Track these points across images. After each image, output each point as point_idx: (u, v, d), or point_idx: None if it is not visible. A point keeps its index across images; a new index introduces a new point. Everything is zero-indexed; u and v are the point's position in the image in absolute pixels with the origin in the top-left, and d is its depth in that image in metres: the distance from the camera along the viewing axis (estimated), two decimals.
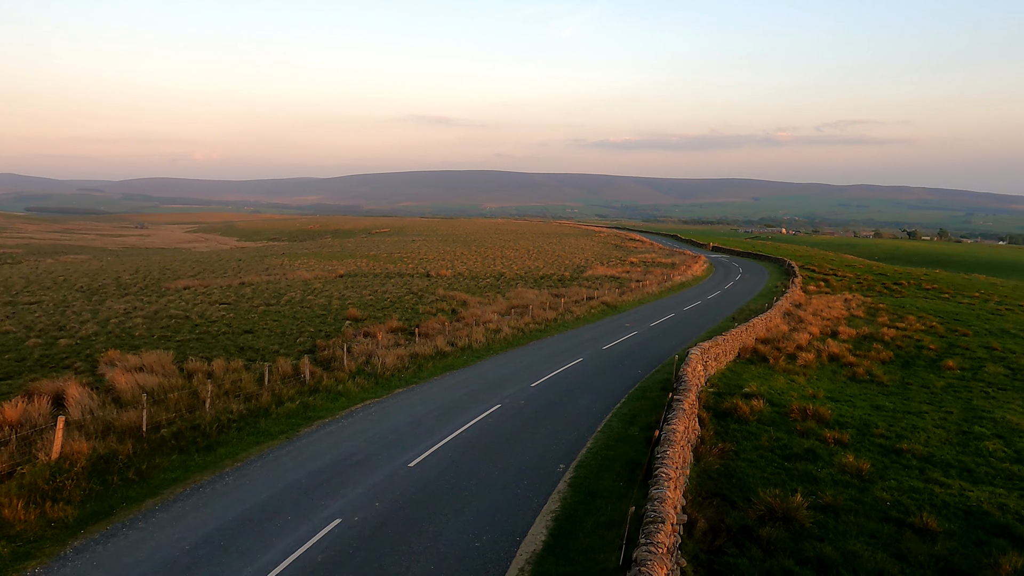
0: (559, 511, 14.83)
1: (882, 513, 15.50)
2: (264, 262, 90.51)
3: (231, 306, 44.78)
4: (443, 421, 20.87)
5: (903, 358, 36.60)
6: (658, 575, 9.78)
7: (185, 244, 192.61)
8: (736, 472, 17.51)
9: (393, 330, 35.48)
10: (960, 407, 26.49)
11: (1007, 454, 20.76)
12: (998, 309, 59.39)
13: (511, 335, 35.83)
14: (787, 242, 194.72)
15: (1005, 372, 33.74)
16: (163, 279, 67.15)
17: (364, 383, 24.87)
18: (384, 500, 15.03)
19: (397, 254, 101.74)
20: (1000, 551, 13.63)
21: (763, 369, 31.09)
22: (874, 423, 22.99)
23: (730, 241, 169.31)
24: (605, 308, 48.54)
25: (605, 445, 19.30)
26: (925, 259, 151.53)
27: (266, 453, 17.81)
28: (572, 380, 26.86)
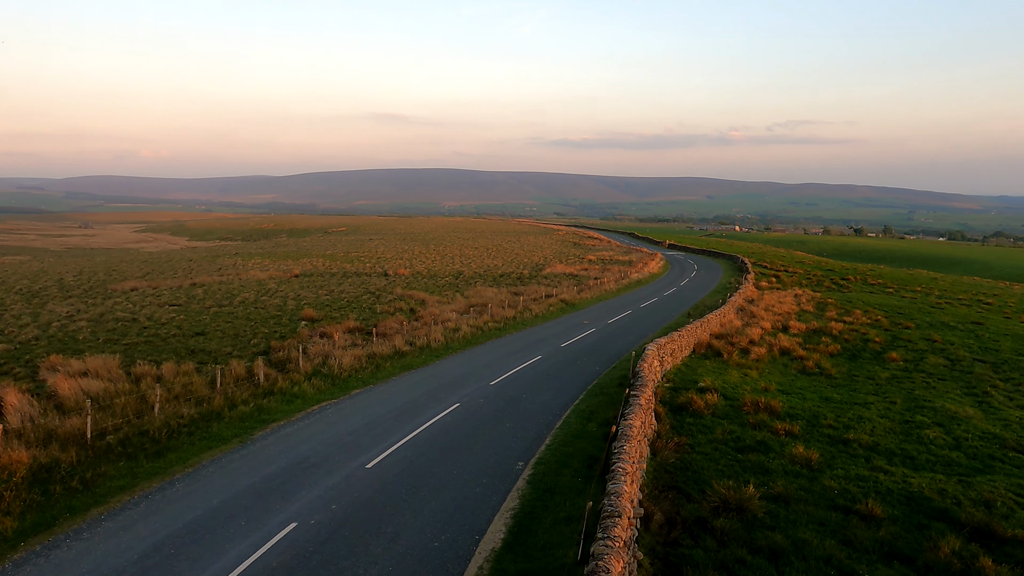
0: (518, 508, 14.88)
1: (830, 501, 16.01)
2: (216, 262, 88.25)
3: (182, 308, 43.55)
4: (401, 421, 20.71)
5: (850, 351, 37.85)
6: (615, 569, 9.90)
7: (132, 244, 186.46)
8: (691, 465, 17.84)
9: (350, 330, 35.03)
10: (903, 397, 27.52)
11: (946, 441, 21.67)
12: (938, 303, 61.93)
13: (470, 334, 35.77)
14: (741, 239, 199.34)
15: (945, 363, 35.20)
16: (109, 280, 64.86)
17: (320, 384, 24.49)
18: (341, 502, 14.84)
19: (354, 253, 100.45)
20: (940, 534, 14.22)
21: (717, 364, 31.76)
22: (823, 414, 23.71)
23: (686, 239, 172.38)
24: (564, 306, 48.86)
25: (563, 442, 19.44)
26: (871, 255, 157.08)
27: (219, 458, 17.39)
28: (531, 378, 26.97)
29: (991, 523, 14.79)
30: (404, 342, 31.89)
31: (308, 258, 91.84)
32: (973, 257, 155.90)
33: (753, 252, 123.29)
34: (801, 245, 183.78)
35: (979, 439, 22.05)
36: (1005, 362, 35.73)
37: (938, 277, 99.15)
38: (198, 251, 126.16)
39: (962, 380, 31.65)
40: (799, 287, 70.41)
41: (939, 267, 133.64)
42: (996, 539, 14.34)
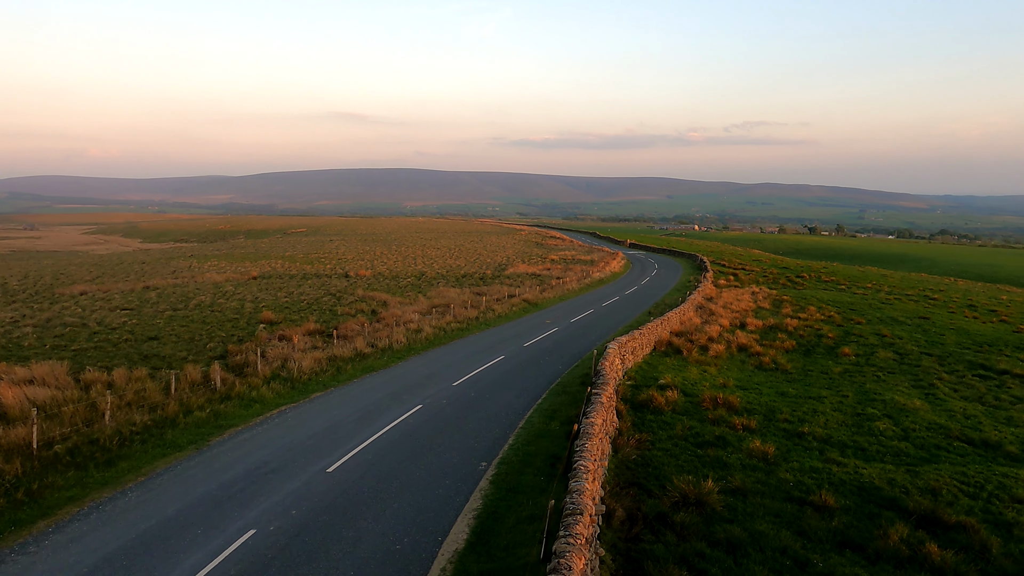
0: (481, 509, 14.87)
1: (786, 493, 16.41)
2: (171, 264, 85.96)
3: (134, 312, 42.29)
4: (363, 424, 20.49)
5: (805, 346, 38.85)
6: (576, 566, 9.97)
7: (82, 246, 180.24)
8: (652, 461, 18.08)
9: (310, 332, 34.51)
10: (855, 391, 28.38)
11: (895, 432, 22.43)
12: (888, 299, 64.05)
13: (433, 334, 35.60)
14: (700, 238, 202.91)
15: (894, 357, 36.41)
16: (56, 284, 62.60)
17: (279, 388, 24.07)
18: (301, 508, 14.61)
19: (314, 254, 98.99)
20: (889, 523, 14.71)
21: (678, 361, 32.26)
22: (779, 409, 24.29)
23: (646, 238, 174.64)
24: (526, 305, 49.01)
25: (526, 441, 19.50)
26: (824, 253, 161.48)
27: (173, 465, 16.94)
28: (494, 378, 26.97)
29: (937, 510, 15.35)
30: (366, 344, 31.56)
31: (267, 260, 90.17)
32: (920, 254, 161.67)
33: (712, 251, 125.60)
34: (758, 244, 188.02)
35: (926, 430, 22.87)
36: (950, 355, 37.15)
37: (887, 274, 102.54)
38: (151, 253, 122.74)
39: (910, 373, 32.78)
40: (756, 285, 71.98)
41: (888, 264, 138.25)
42: (942, 525, 14.90)
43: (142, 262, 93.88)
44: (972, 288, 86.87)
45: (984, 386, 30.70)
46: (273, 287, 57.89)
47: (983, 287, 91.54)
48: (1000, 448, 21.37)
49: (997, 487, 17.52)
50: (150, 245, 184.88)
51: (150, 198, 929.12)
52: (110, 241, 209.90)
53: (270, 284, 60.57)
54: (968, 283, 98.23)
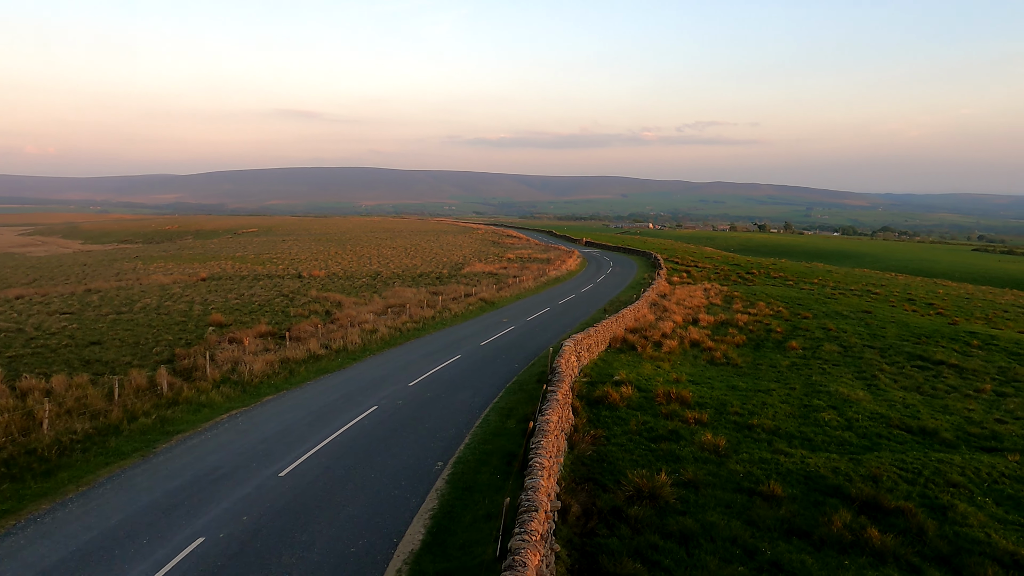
0: (437, 509, 14.82)
1: (736, 484, 16.83)
2: (114, 266, 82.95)
3: (75, 316, 40.66)
4: (316, 427, 20.17)
5: (755, 341, 39.89)
6: (531, 562, 10.03)
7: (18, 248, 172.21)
8: (607, 456, 18.31)
9: (262, 335, 33.77)
10: (802, 383, 29.27)
11: (840, 423, 23.22)
12: (833, 294, 66.25)
13: (388, 335, 35.26)
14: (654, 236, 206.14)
15: (839, 349, 37.69)
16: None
17: (230, 392, 23.49)
18: (252, 513, 14.30)
19: (266, 255, 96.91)
20: (833, 509, 15.25)
21: (632, 357, 32.71)
22: (730, 402, 24.88)
23: (602, 236, 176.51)
24: (483, 304, 48.97)
25: (483, 439, 19.50)
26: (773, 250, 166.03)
27: (117, 474, 16.37)
28: (450, 377, 26.88)
29: (878, 496, 15.97)
30: (319, 345, 31.06)
31: (216, 261, 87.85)
32: (863, 251, 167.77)
33: (666, 248, 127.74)
34: (710, 241, 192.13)
35: (868, 419, 23.75)
36: (891, 347, 38.65)
37: (833, 270, 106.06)
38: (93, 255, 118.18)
39: (854, 365, 33.98)
40: (708, 281, 73.53)
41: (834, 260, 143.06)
42: (882, 511, 15.51)
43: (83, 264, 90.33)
44: (911, 283, 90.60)
45: (922, 376, 32.05)
46: (223, 289, 56.43)
47: (921, 281, 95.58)
48: (936, 435, 22.35)
49: (933, 472, 18.33)
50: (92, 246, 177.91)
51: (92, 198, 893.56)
52: (48, 242, 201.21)
53: (220, 286, 59.02)
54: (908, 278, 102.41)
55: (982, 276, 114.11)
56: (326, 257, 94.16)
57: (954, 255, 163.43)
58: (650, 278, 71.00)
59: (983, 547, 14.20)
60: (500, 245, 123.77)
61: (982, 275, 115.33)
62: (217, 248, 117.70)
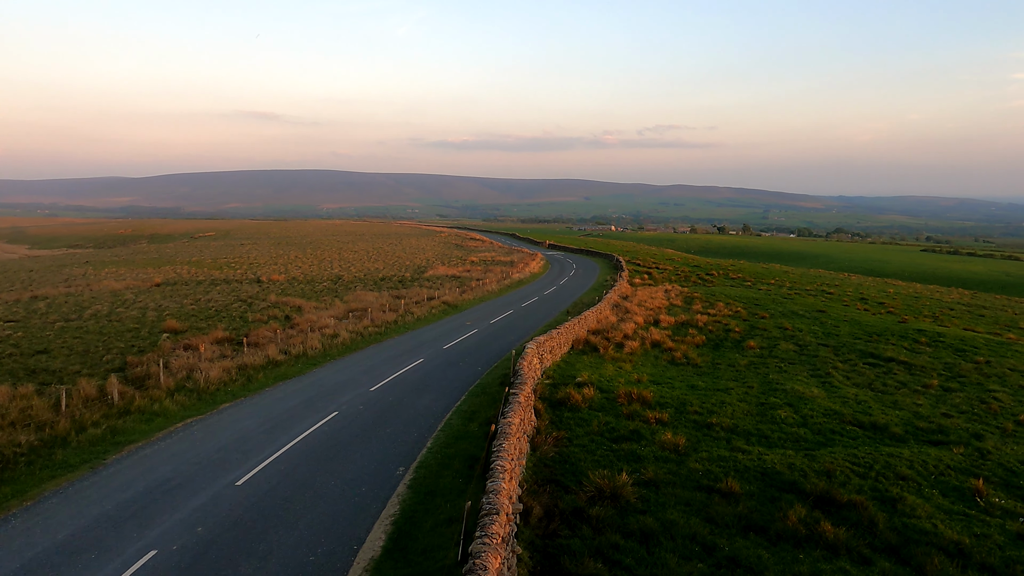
0: (398, 514, 14.68)
1: (695, 482, 17.09)
2: (63, 272, 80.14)
3: (19, 323, 39.14)
4: (275, 434, 19.79)
5: (714, 341, 40.59)
6: (492, 565, 10.01)
7: None
8: (570, 458, 18.40)
9: (219, 341, 33.02)
10: (759, 382, 29.89)
11: (795, 419, 23.78)
12: (789, 294, 67.88)
13: (349, 339, 34.83)
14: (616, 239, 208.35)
15: (794, 348, 38.61)
16: None
17: (184, 400, 22.90)
18: (207, 524, 13.95)
19: (224, 259, 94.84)
20: (789, 505, 15.60)
21: (594, 358, 32.97)
22: (689, 401, 25.26)
23: (565, 239, 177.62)
24: (446, 307, 48.78)
25: (445, 443, 19.40)
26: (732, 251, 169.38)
27: (65, 487, 15.78)
28: (412, 381, 26.69)
29: (831, 491, 16.41)
30: (278, 351, 30.51)
31: (171, 265, 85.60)
32: (818, 252, 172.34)
33: (628, 251, 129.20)
34: (671, 243, 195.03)
35: (822, 416, 24.38)
36: (844, 345, 39.76)
37: (789, 270, 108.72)
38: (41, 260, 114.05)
39: (809, 363, 34.85)
40: (669, 283, 74.59)
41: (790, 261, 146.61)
42: (835, 504, 15.93)
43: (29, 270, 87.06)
44: (863, 282, 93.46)
45: (873, 373, 33.05)
46: (178, 294, 55.02)
47: (873, 281, 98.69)
48: (887, 430, 23.06)
49: (884, 466, 18.91)
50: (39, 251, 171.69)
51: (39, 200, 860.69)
52: None
53: (175, 291, 57.53)
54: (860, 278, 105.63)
55: (930, 276, 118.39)
56: (286, 261, 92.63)
57: (904, 255, 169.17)
58: (612, 280, 71.68)
59: (930, 537, 14.70)
60: (463, 248, 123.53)
61: (930, 275, 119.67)
62: (173, 252, 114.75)
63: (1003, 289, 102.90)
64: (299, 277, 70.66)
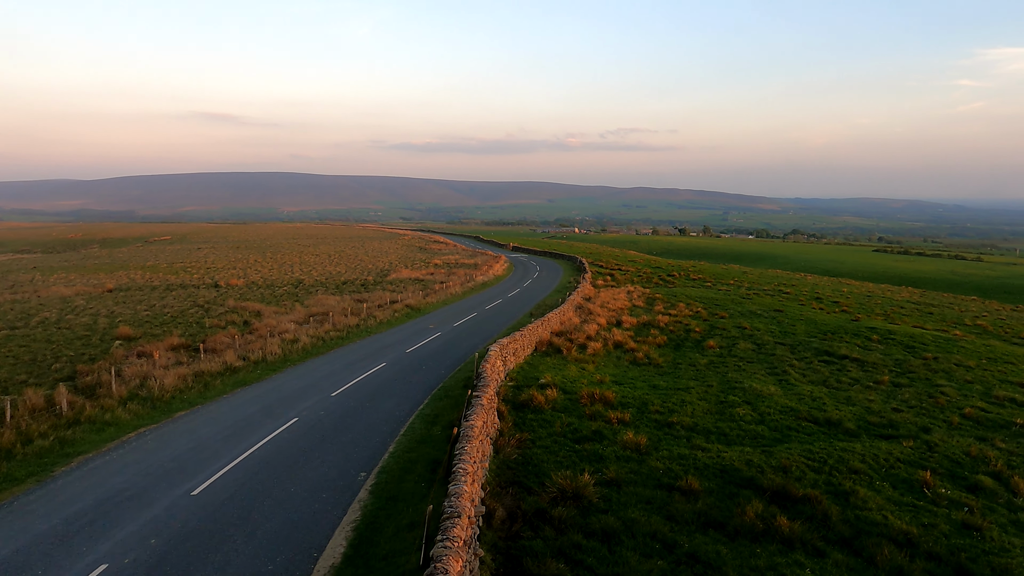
0: (360, 520, 14.53)
1: (656, 481, 17.32)
2: (8, 278, 77.17)
3: None
4: (233, 442, 19.39)
5: (675, 341, 41.20)
6: (453, 568, 9.98)
7: None
8: (533, 459, 18.45)
9: (174, 347, 32.21)
10: (719, 380, 30.44)
11: (753, 417, 24.29)
12: (748, 294, 69.28)
13: (310, 344, 34.33)
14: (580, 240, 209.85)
15: (753, 347, 39.44)
16: None
17: (138, 409, 22.26)
18: (162, 536, 13.59)
19: (180, 264, 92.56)
20: (746, 500, 15.93)
21: (558, 360, 33.14)
22: (651, 401, 25.58)
23: (529, 241, 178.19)
24: (409, 311, 48.46)
25: (407, 448, 19.27)
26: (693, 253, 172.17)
27: (9, 502, 15.19)
28: (374, 386, 26.44)
29: (787, 486, 16.81)
30: (237, 357, 29.91)
31: (125, 270, 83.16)
32: (776, 252, 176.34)
33: (591, 252, 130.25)
34: (633, 245, 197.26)
35: (779, 413, 24.95)
36: (800, 344, 40.77)
37: (748, 271, 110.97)
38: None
39: (766, 362, 35.64)
40: (631, 284, 75.41)
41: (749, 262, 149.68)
42: (791, 499, 16.33)
43: None
44: (819, 282, 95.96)
45: (828, 370, 33.96)
46: (132, 300, 53.48)
47: (828, 281, 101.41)
48: (840, 425, 23.73)
49: (837, 461, 19.45)
50: None
51: None
52: None
53: (129, 297, 55.90)
54: (816, 277, 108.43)
55: (882, 275, 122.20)
56: (245, 265, 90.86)
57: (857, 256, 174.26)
58: (575, 282, 72.15)
59: (881, 528, 15.17)
60: (427, 251, 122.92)
61: (882, 274, 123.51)
62: (126, 257, 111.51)
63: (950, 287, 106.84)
64: (259, 281, 69.39)
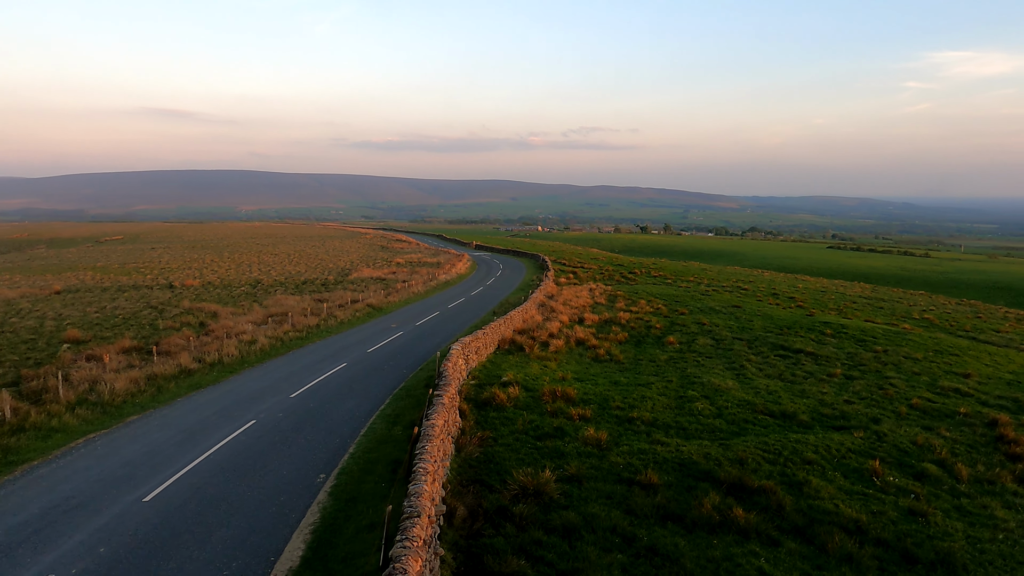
0: (319, 522, 14.34)
1: (617, 476, 17.50)
2: None
3: None
4: (187, 446, 18.92)
5: (636, 337, 41.68)
6: (412, 568, 9.92)
7: None
8: (495, 457, 18.46)
9: (126, 350, 31.26)
10: (678, 376, 30.91)
11: (711, 411, 24.73)
12: (707, 291, 70.49)
13: (269, 345, 33.71)
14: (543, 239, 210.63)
15: (712, 343, 40.16)
16: None
17: (87, 414, 21.56)
18: (111, 544, 13.19)
19: (132, 264, 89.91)
20: (704, 493, 16.22)
21: (520, 358, 33.21)
22: (612, 397, 25.82)
23: (492, 239, 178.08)
24: (371, 310, 47.99)
25: (368, 448, 19.09)
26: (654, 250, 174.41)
27: None
28: (335, 386, 26.11)
29: (743, 477, 17.17)
30: (192, 359, 29.19)
31: (74, 271, 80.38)
32: (734, 250, 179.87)
33: (554, 250, 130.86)
34: (596, 243, 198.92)
35: (736, 406, 25.45)
36: (757, 338, 41.67)
37: (707, 268, 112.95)
38: None
39: (725, 357, 36.32)
40: (594, 282, 76.02)
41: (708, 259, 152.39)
42: (747, 490, 16.68)
43: None
44: (776, 278, 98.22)
45: (783, 364, 34.78)
46: (81, 302, 51.72)
47: (784, 277, 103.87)
48: (795, 418, 24.34)
49: (791, 452, 19.94)
50: None
51: None
52: None
53: (77, 299, 54.03)
54: (773, 274, 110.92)
55: (835, 271, 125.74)
56: (201, 265, 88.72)
57: (812, 252, 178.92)
58: (538, 280, 72.42)
59: (832, 517, 15.62)
60: (389, 250, 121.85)
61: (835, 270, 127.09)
62: (75, 258, 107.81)
63: (900, 283, 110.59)
64: (215, 282, 67.82)
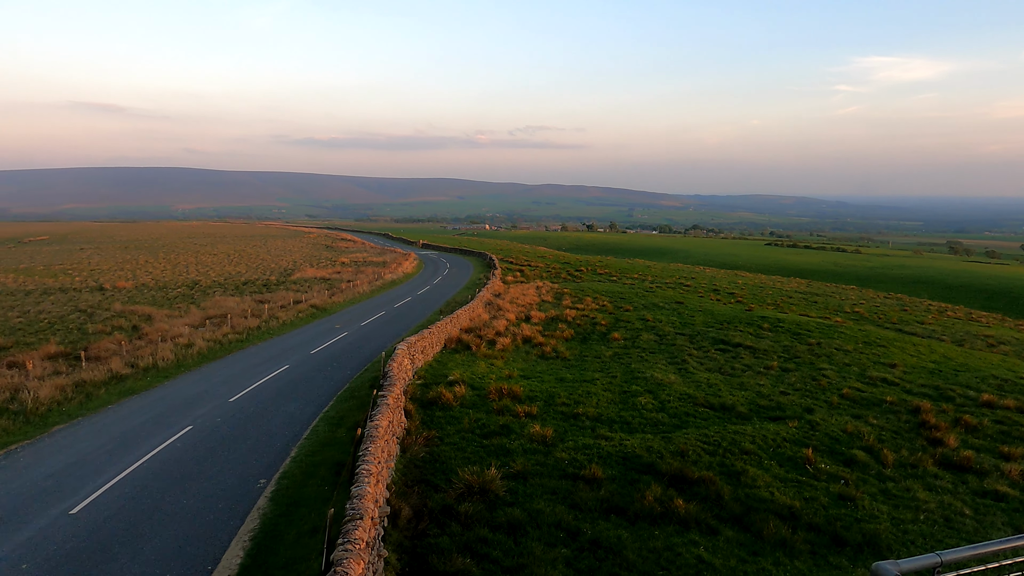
0: (258, 528, 13.99)
1: (562, 471, 17.68)
2: None
3: None
4: (118, 455, 18.16)
5: (582, 334, 42.17)
6: (355, 571, 9.79)
7: None
8: (440, 457, 18.39)
9: (52, 356, 29.81)
10: (622, 371, 31.42)
11: (654, 405, 25.24)
12: (651, 287, 71.91)
13: (206, 348, 32.67)
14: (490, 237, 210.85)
15: (655, 338, 40.99)
16: None
17: (7, 424, 20.44)
18: (35, 560, 12.55)
19: (59, 266, 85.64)
20: (646, 485, 16.54)
21: (467, 356, 33.16)
22: (558, 394, 26.06)
23: (439, 238, 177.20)
24: (314, 311, 47.08)
25: (310, 451, 18.73)
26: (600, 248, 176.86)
27: None
28: (276, 389, 25.51)
29: (684, 469, 17.59)
30: (124, 364, 28.04)
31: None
32: (677, 247, 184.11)
33: (501, 249, 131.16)
34: (543, 241, 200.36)
35: (678, 400, 26.06)
36: (698, 334, 42.75)
37: (651, 265, 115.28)
38: None
39: (667, 352, 37.13)
40: (540, 279, 76.53)
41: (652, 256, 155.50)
42: (688, 482, 17.09)
43: None
44: (717, 275, 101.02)
45: (723, 358, 35.79)
46: (2, 306, 49.01)
47: (725, 273, 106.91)
48: (734, 410, 25.08)
49: (730, 443, 20.54)
50: None
51: None
52: None
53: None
54: (714, 270, 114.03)
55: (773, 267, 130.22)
56: (134, 266, 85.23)
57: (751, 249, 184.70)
58: (486, 278, 72.43)
59: (768, 504, 16.17)
60: (334, 249, 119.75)
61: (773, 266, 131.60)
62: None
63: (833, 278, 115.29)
64: (149, 283, 65.29)
